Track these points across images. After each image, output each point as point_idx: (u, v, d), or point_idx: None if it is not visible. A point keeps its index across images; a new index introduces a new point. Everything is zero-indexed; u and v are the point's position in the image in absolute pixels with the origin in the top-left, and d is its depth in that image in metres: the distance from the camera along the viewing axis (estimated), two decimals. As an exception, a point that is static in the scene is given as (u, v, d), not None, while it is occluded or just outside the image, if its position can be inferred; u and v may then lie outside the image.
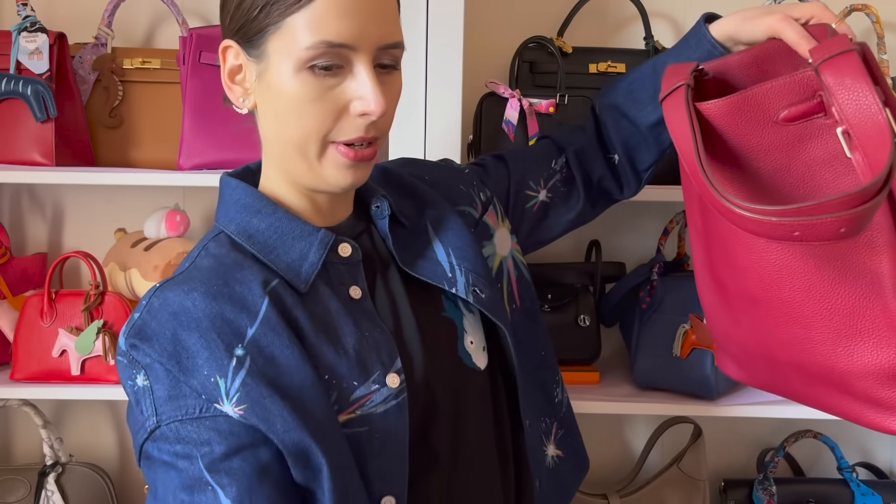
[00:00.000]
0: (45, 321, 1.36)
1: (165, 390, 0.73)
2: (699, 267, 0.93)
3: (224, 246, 0.80)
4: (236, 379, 0.72)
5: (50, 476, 1.45)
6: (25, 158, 1.37)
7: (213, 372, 0.72)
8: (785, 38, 0.83)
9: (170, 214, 1.41)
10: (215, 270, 0.78)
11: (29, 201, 1.60)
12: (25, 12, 1.38)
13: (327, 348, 0.77)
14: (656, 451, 1.54)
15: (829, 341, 0.77)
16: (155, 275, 1.34)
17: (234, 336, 0.74)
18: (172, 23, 1.50)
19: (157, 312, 0.75)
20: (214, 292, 0.75)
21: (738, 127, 0.79)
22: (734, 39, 0.91)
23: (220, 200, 0.85)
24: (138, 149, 1.44)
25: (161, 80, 1.44)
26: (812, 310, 0.77)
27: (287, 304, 0.77)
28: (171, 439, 0.73)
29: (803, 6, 0.85)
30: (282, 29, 0.73)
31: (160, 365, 0.73)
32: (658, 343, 1.34)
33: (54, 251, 1.58)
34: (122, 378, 0.76)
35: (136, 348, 0.74)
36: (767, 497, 1.45)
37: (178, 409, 0.72)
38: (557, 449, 0.96)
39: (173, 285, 0.77)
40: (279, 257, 0.79)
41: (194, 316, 0.74)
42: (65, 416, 1.63)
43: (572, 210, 1.06)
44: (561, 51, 1.41)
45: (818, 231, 0.66)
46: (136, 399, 0.75)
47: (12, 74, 1.36)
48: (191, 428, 0.72)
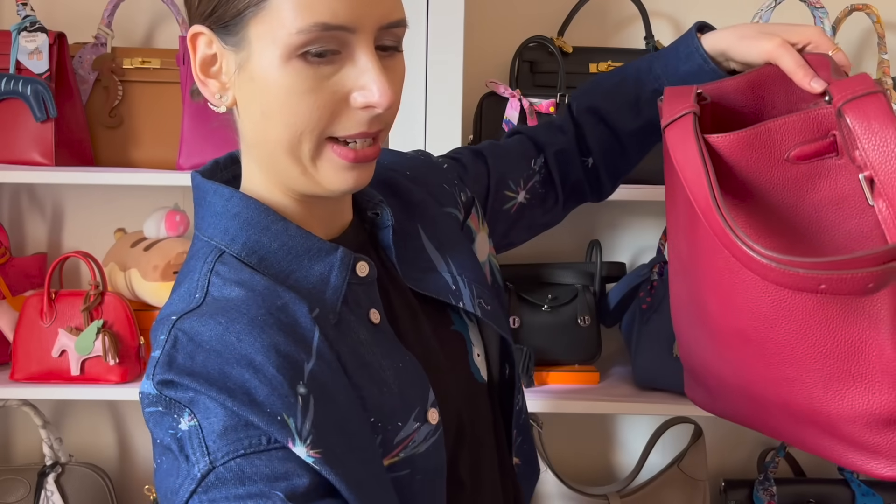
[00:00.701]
0: (45, 321, 1.35)
1: (220, 423, 0.59)
2: (677, 294, 0.90)
3: (241, 270, 0.68)
4: (307, 420, 0.60)
5: (49, 476, 1.45)
6: (25, 158, 1.37)
7: (278, 410, 0.59)
8: (782, 66, 0.80)
9: (169, 214, 1.41)
10: (252, 299, 0.65)
11: (29, 201, 1.60)
12: (25, 12, 1.38)
13: (370, 386, 0.67)
14: (656, 451, 1.54)
15: (821, 383, 0.74)
16: (155, 274, 1.34)
17: (295, 371, 0.62)
18: (172, 22, 1.50)
19: (191, 349, 0.61)
20: (261, 323, 0.63)
21: (748, 162, 0.77)
22: (726, 56, 0.88)
23: (207, 210, 0.71)
24: (138, 149, 1.44)
25: (161, 80, 1.44)
26: (805, 352, 0.74)
27: (330, 336, 0.66)
28: (232, 481, 0.58)
29: (801, 30, 0.83)
30: (265, 10, 0.62)
31: (209, 399, 0.59)
32: (658, 343, 1.34)
33: (54, 251, 1.58)
34: (160, 434, 0.61)
35: (173, 385, 0.60)
36: (768, 497, 1.45)
37: (238, 442, 0.58)
38: (516, 457, 0.89)
39: (201, 318, 0.63)
40: (298, 282, 0.68)
41: (242, 352, 0.61)
42: (64, 416, 1.62)
43: (548, 213, 1.00)
44: (561, 50, 1.41)
45: (846, 286, 0.64)
46: (179, 447, 0.60)
47: (12, 74, 1.36)
48: (260, 462, 0.58)
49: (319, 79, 0.64)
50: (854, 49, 1.56)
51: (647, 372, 1.36)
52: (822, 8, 1.33)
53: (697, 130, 0.76)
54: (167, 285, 1.34)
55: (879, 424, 0.73)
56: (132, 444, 1.64)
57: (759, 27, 0.85)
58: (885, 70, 1.42)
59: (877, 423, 0.73)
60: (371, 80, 0.64)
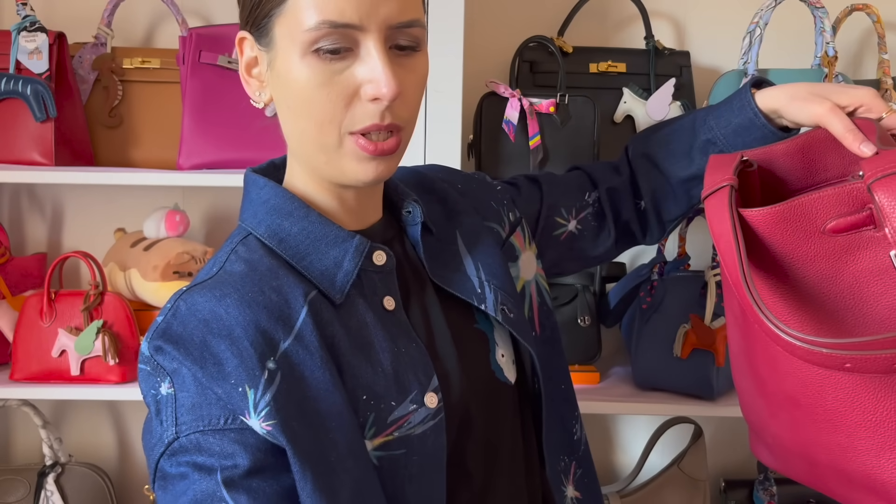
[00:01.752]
0: (45, 321, 1.35)
1: (190, 398, 0.67)
2: (736, 351, 0.89)
3: (256, 251, 0.75)
4: (266, 393, 0.66)
5: (49, 476, 1.45)
6: (25, 158, 1.37)
7: (241, 381, 0.66)
8: (832, 131, 0.80)
9: (169, 214, 1.40)
10: (249, 277, 0.72)
11: (28, 201, 1.60)
12: (25, 12, 1.37)
13: (365, 366, 0.72)
14: (656, 451, 1.54)
15: (874, 451, 0.74)
16: (154, 274, 1.34)
17: (268, 347, 0.68)
18: (172, 22, 1.50)
19: (186, 318, 0.69)
20: (249, 300, 0.70)
21: (784, 235, 0.76)
22: (778, 114, 0.89)
23: (246, 199, 0.79)
24: (138, 148, 1.44)
25: (161, 80, 1.44)
26: (856, 420, 0.73)
27: (325, 318, 0.72)
28: (191, 450, 0.67)
29: (853, 92, 0.83)
30: (286, 11, 0.69)
31: (187, 370, 0.67)
32: (658, 343, 1.34)
33: (54, 251, 1.58)
34: (145, 389, 0.71)
35: (162, 351, 0.68)
36: (768, 497, 1.45)
37: (200, 420, 0.67)
38: (576, 490, 0.91)
39: (203, 290, 0.71)
40: (312, 264, 0.74)
41: (226, 323, 0.68)
42: (64, 416, 1.62)
43: (601, 245, 1.03)
44: (561, 50, 1.41)
45: (871, 365, 0.64)
46: (156, 409, 0.69)
47: (12, 74, 1.35)
48: (213, 440, 0.66)
49: (332, 73, 0.69)
50: (854, 49, 1.56)
51: (647, 372, 1.36)
52: (822, 8, 1.33)
53: (732, 204, 0.75)
54: (167, 285, 1.34)
55: None
56: (132, 444, 1.64)
57: (813, 88, 0.86)
58: (886, 70, 1.42)
59: None
60: (377, 74, 0.68)
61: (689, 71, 1.45)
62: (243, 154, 1.34)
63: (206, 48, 1.36)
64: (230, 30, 1.38)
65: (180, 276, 1.35)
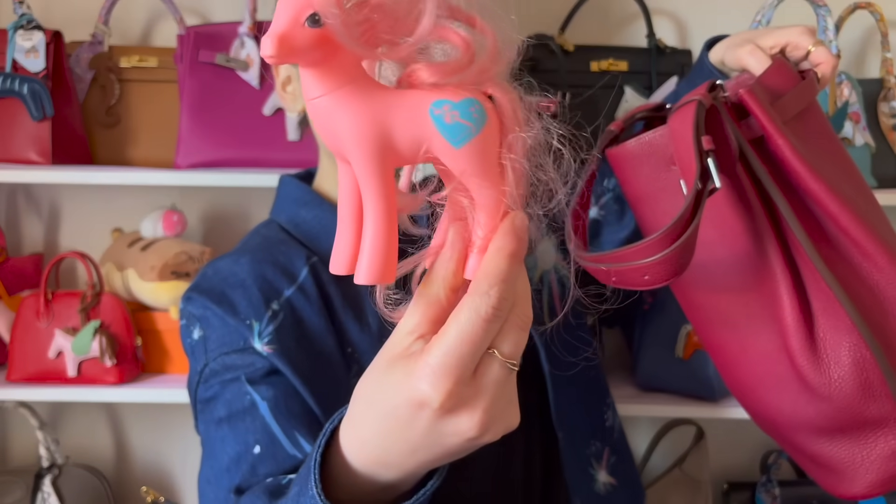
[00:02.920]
0: (42, 322, 1.34)
1: (215, 334, 0.82)
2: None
3: (274, 231, 0.91)
4: (269, 326, 0.81)
5: (46, 478, 1.44)
6: (21, 157, 1.36)
7: (249, 317, 0.81)
8: (750, 71, 0.82)
9: (167, 214, 1.40)
10: (262, 245, 0.88)
11: (25, 201, 1.59)
12: (21, 10, 1.37)
13: (353, 324, 0.84)
14: (658, 453, 1.53)
15: (760, 388, 0.75)
16: (152, 275, 1.33)
17: (273, 293, 0.83)
18: (170, 21, 1.49)
19: (210, 276, 0.85)
20: (260, 258, 0.85)
21: (645, 169, 0.77)
22: (725, 66, 0.90)
23: (276, 196, 0.96)
24: (135, 147, 1.43)
25: (158, 79, 1.43)
26: (751, 370, 0.75)
27: (324, 279, 0.85)
28: (220, 372, 0.80)
29: (779, 32, 0.83)
30: None
31: (211, 313, 0.82)
32: (660, 344, 1.33)
33: (50, 251, 1.57)
34: (184, 341, 0.86)
35: (190, 300, 0.84)
36: (770, 499, 1.44)
37: (223, 345, 0.81)
38: (611, 476, 0.94)
39: (225, 257, 0.88)
40: (320, 244, 0.87)
41: (240, 277, 0.84)
42: (61, 417, 1.62)
43: (626, 228, 1.05)
44: (562, 49, 1.40)
45: (628, 279, 0.65)
46: (192, 353, 0.84)
47: (8, 73, 1.35)
48: (235, 357, 0.80)
49: None
50: (857, 47, 1.55)
51: (649, 373, 1.35)
52: (824, 6, 1.32)
53: (696, 116, 0.75)
54: (164, 285, 1.33)
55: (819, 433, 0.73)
56: (129, 446, 1.63)
57: (746, 33, 0.87)
58: (889, 68, 1.41)
59: (815, 431, 0.73)
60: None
61: (690, 69, 1.44)
62: (241, 153, 1.34)
63: (205, 47, 1.36)
64: (228, 28, 1.37)
65: (178, 276, 1.34)
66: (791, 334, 0.70)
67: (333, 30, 0.40)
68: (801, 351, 0.70)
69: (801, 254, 0.71)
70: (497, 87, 0.45)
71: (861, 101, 1.38)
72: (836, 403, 0.70)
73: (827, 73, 0.81)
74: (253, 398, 0.77)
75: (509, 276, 0.45)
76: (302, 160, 1.29)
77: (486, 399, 0.45)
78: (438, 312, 0.46)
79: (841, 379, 0.69)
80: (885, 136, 1.40)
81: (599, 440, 0.94)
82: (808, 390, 0.71)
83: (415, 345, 0.46)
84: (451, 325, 0.44)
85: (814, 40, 0.82)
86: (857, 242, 0.70)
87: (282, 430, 0.76)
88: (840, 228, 0.70)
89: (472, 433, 0.46)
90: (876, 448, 0.71)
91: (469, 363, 0.44)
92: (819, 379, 0.70)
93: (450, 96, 0.44)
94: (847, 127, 1.35)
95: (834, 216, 0.70)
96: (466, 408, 0.45)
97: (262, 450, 0.75)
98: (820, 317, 0.70)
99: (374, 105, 0.43)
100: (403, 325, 0.47)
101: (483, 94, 0.45)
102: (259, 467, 0.74)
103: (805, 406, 0.72)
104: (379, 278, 0.44)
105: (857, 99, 1.37)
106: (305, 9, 0.40)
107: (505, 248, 0.45)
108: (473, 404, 0.45)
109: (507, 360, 0.46)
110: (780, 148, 0.71)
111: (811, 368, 0.70)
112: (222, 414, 0.78)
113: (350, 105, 0.43)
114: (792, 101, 0.76)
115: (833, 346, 0.69)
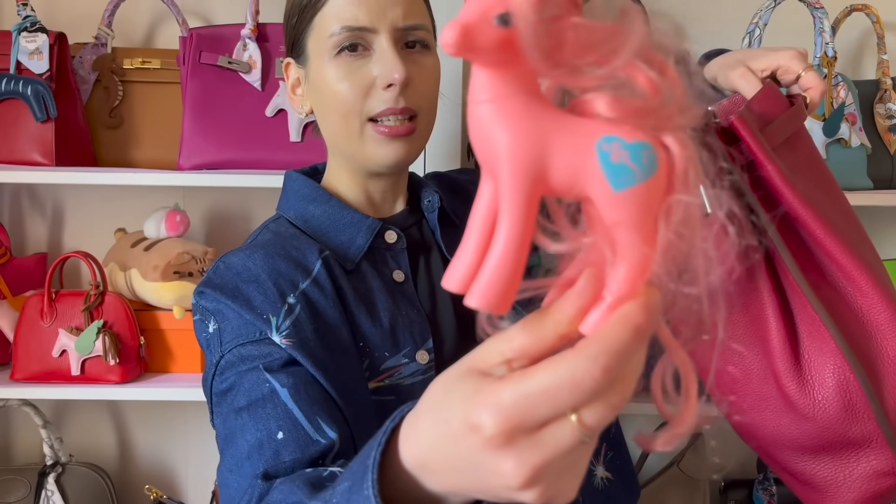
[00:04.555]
0: (45, 321, 1.35)
1: (230, 326, 0.81)
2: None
3: (283, 225, 0.91)
4: (287, 320, 0.80)
5: (50, 476, 1.45)
6: (25, 158, 1.37)
7: (266, 311, 0.80)
8: (741, 93, 0.83)
9: (170, 214, 1.41)
10: (274, 240, 0.87)
11: (29, 201, 1.60)
12: (25, 12, 1.37)
13: (365, 319, 0.85)
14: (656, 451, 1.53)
15: (755, 410, 0.77)
16: (155, 274, 1.34)
17: (289, 286, 0.82)
18: (172, 23, 1.50)
19: (222, 271, 0.84)
20: (273, 253, 0.85)
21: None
22: (717, 83, 0.91)
23: (283, 192, 0.95)
24: (138, 149, 1.44)
25: (161, 80, 1.44)
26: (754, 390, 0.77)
27: (336, 273, 0.86)
28: (235, 363, 0.80)
29: (771, 55, 0.84)
30: (314, 28, 0.86)
31: (225, 306, 0.82)
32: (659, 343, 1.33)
33: (54, 251, 1.58)
34: (199, 336, 0.85)
35: (203, 295, 0.84)
36: (767, 497, 1.45)
37: (239, 337, 0.80)
38: (607, 471, 0.95)
39: (237, 252, 0.86)
40: (330, 239, 0.89)
41: (254, 272, 0.83)
42: (65, 416, 1.63)
43: None
44: (561, 51, 1.40)
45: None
46: (207, 346, 0.83)
47: (12, 74, 1.36)
48: (251, 347, 0.80)
49: (352, 69, 0.85)
50: (853, 49, 1.56)
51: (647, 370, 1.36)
52: (821, 8, 1.33)
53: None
54: (167, 285, 1.34)
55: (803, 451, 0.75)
56: (132, 444, 1.64)
57: (739, 54, 0.88)
58: (885, 70, 1.42)
59: (798, 449, 0.75)
60: (388, 63, 0.83)
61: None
62: (243, 154, 1.34)
63: (207, 48, 1.36)
64: (230, 30, 1.38)
65: (181, 276, 1.35)
66: (777, 356, 0.72)
67: (521, 35, 0.37)
68: (787, 372, 0.72)
69: (788, 277, 0.72)
70: (675, 138, 0.40)
71: (857, 102, 1.39)
72: (819, 423, 0.72)
73: (816, 98, 0.82)
74: (273, 385, 0.77)
75: (625, 352, 0.41)
76: (303, 161, 1.29)
77: (540, 456, 0.41)
78: (538, 350, 0.42)
79: (825, 400, 0.71)
80: (881, 138, 1.41)
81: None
82: (793, 410, 0.72)
83: (498, 368, 0.43)
84: (540, 373, 0.40)
85: (805, 65, 0.83)
86: (843, 267, 0.72)
87: (304, 416, 0.75)
88: (826, 253, 0.72)
89: (513, 482, 0.42)
90: (858, 467, 0.73)
91: (538, 415, 0.40)
92: (804, 399, 0.71)
93: (623, 134, 0.39)
94: (843, 128, 1.35)
95: (820, 241, 0.72)
96: (516, 454, 0.41)
97: (286, 435, 0.74)
98: (805, 339, 0.72)
99: (540, 125, 0.39)
100: (497, 344, 0.43)
101: (659, 140, 0.40)
102: (283, 453, 0.73)
103: (790, 425, 0.73)
104: (492, 307, 0.41)
105: (853, 100, 1.38)
106: (498, 5, 0.37)
107: (633, 321, 0.40)
108: (525, 455, 0.41)
109: (582, 430, 0.41)
110: (770, 174, 0.72)
111: (796, 389, 0.71)
112: (241, 403, 0.78)
113: (515, 118, 0.39)
114: (781, 126, 0.77)
115: (818, 368, 0.71)
